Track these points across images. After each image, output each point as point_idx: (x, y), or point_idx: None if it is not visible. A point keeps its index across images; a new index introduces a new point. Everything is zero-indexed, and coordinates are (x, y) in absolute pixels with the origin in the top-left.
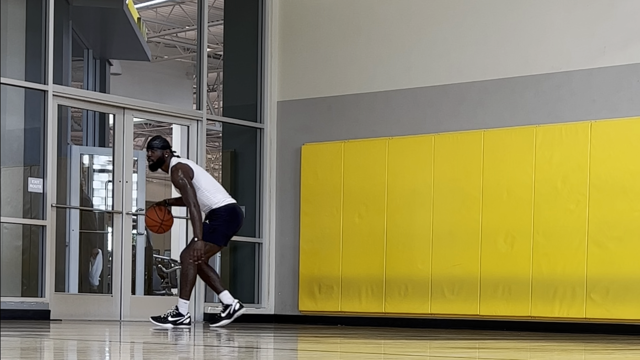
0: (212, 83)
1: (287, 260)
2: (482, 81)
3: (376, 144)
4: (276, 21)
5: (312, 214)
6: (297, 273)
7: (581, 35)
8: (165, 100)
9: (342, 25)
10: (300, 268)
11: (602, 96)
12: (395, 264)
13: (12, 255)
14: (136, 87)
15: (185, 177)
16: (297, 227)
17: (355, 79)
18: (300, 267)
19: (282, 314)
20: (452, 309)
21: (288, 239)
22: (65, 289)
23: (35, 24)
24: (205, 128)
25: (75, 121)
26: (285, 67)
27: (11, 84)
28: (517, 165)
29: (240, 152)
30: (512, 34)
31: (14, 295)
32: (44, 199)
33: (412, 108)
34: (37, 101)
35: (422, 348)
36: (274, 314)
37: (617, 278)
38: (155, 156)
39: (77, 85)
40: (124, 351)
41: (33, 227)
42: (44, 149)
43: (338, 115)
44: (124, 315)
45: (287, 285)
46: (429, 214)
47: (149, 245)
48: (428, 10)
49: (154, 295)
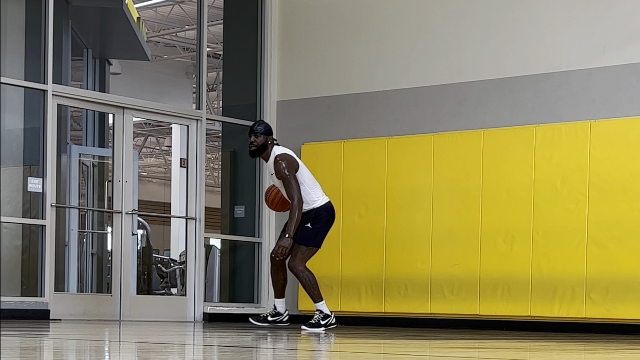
0: (212, 82)
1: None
2: (481, 81)
3: (376, 144)
4: (276, 21)
5: None
6: None
7: (581, 35)
8: (165, 100)
9: (342, 24)
10: None
11: (601, 96)
12: (394, 264)
13: (12, 255)
14: (136, 86)
15: (291, 170)
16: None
17: (355, 79)
18: None
19: None
20: (451, 308)
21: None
22: (65, 288)
23: (34, 23)
24: (205, 128)
25: (75, 121)
26: (284, 67)
27: (11, 83)
28: (516, 165)
29: (240, 151)
30: (512, 34)
31: (14, 294)
32: (44, 198)
33: (411, 108)
34: (36, 101)
35: (422, 348)
36: None
37: (617, 278)
38: (258, 142)
39: (76, 85)
40: (124, 351)
41: (32, 226)
42: (44, 149)
43: (337, 115)
44: (123, 315)
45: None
46: (428, 213)
47: (149, 245)
48: (428, 10)
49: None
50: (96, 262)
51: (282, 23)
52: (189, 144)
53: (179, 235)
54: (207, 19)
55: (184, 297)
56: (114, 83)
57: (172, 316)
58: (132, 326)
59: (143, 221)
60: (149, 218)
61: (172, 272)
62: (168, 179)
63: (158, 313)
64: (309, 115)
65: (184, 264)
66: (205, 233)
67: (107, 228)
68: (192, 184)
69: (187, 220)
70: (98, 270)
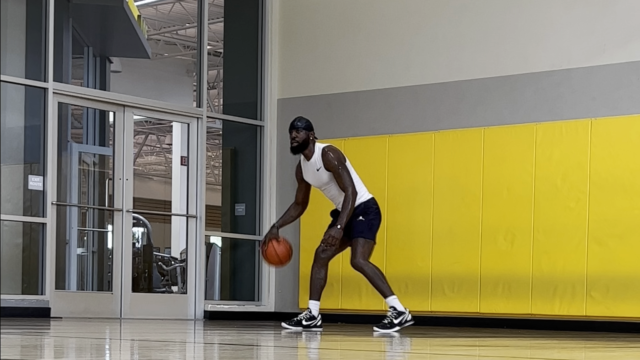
0: (212, 81)
1: None
2: (482, 79)
3: (376, 142)
4: (276, 19)
5: (312, 212)
6: (298, 271)
7: (581, 33)
8: (165, 98)
9: (342, 22)
10: (300, 266)
11: (602, 94)
12: (395, 262)
13: (13, 253)
14: (136, 84)
15: (341, 161)
16: (297, 225)
17: (355, 77)
18: (300, 265)
19: (283, 311)
20: (452, 306)
21: (288, 236)
22: (66, 286)
23: (35, 21)
24: (206, 126)
25: (76, 118)
26: (285, 65)
27: (11, 81)
28: (517, 163)
29: (241, 149)
30: (512, 32)
31: (15, 292)
32: (44, 196)
33: (411, 106)
34: (37, 99)
35: (423, 346)
36: (275, 312)
37: (617, 276)
38: (300, 137)
39: (77, 83)
40: (124, 349)
41: (33, 224)
42: (44, 147)
43: (338, 113)
44: (124, 312)
45: (287, 283)
46: (429, 211)
47: (149, 243)
48: (427, 8)
49: (155, 293)
50: (97, 260)
51: (282, 21)
52: (190, 142)
53: (180, 233)
54: (207, 16)
55: (185, 295)
56: (115, 81)
57: (173, 314)
58: (132, 324)
59: (144, 219)
60: (149, 216)
61: (172, 270)
62: (169, 177)
63: (159, 311)
64: (310, 113)
65: (185, 262)
66: (205, 231)
67: (108, 226)
68: (193, 182)
69: (187, 218)
70: (99, 268)
